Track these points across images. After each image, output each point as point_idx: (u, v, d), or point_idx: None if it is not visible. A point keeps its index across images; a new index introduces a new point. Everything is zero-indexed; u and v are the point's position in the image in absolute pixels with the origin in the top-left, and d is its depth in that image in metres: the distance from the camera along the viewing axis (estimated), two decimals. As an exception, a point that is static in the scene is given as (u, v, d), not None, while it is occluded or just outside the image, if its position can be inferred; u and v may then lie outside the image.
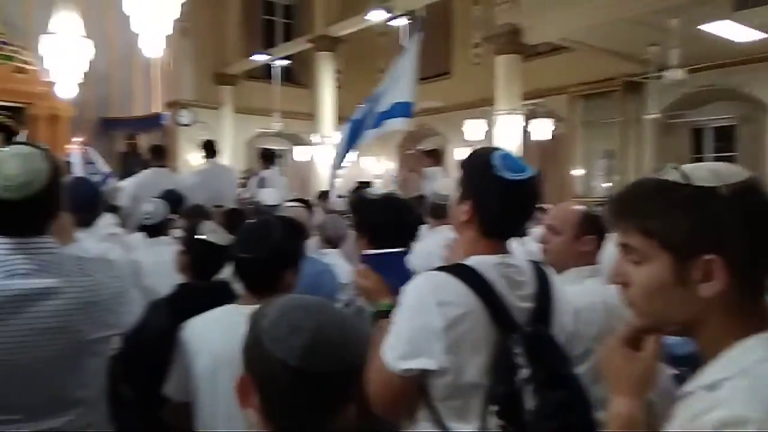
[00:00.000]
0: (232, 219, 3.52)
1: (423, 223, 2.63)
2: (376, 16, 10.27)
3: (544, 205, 9.46)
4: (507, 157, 1.53)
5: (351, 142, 5.41)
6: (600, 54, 9.94)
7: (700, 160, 10.96)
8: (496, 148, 1.57)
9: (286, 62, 14.42)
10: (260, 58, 13.76)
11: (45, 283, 1.46)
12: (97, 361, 1.59)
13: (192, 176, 5.93)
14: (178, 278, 2.37)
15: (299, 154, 15.01)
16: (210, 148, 6.15)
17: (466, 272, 1.47)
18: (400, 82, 5.26)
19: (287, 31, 15.80)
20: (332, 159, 5.70)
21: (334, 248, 3.59)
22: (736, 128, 10.37)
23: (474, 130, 11.79)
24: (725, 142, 10.63)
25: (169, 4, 5.95)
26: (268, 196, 3.38)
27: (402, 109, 5.17)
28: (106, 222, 3.03)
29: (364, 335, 0.99)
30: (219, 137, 14.39)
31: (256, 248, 1.85)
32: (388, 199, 2.34)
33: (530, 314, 1.50)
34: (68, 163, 8.32)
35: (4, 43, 15.11)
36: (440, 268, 1.51)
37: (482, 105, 11.27)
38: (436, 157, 6.30)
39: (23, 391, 1.47)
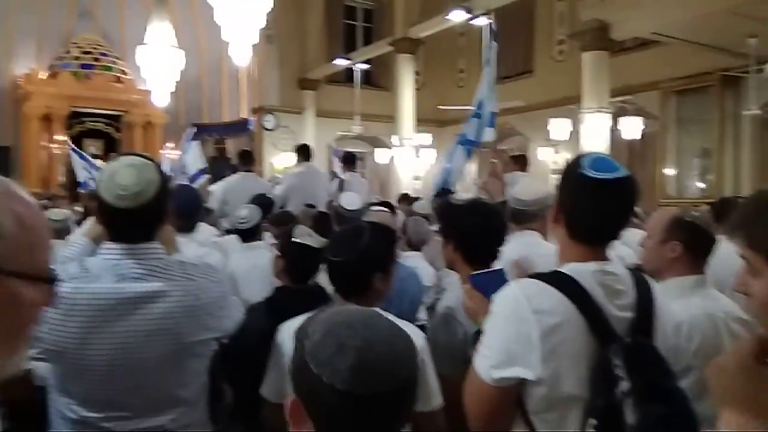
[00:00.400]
0: (320, 223, 3.58)
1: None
2: (457, 16, 10.20)
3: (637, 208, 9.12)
4: (599, 158, 1.45)
5: (463, 158, 5.56)
6: (694, 48, 9.42)
7: (805, 158, 10.22)
8: (594, 152, 1.51)
9: (366, 66, 14.58)
10: (341, 62, 13.97)
11: (153, 286, 1.53)
12: (198, 362, 1.65)
13: (287, 179, 6.09)
14: (273, 282, 2.42)
15: (379, 156, 15.13)
16: (304, 152, 6.29)
17: (562, 280, 1.40)
18: (489, 91, 5.45)
19: (367, 35, 15.97)
20: (441, 172, 5.87)
21: (417, 251, 3.58)
22: None
23: (558, 129, 11.47)
24: (835, 137, 9.85)
25: (255, 14, 6.15)
26: (349, 201, 3.40)
27: (490, 120, 5.38)
28: (206, 227, 3.14)
29: (414, 349, 0.92)
30: (301, 140, 14.76)
31: (346, 252, 1.87)
32: (474, 204, 2.30)
33: (630, 324, 1.42)
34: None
35: (104, 54, 16.11)
36: (535, 275, 1.46)
37: (567, 103, 10.96)
38: (522, 162, 6.16)
39: (130, 390, 1.55)
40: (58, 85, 15.27)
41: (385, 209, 3.67)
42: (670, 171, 11.18)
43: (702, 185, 10.95)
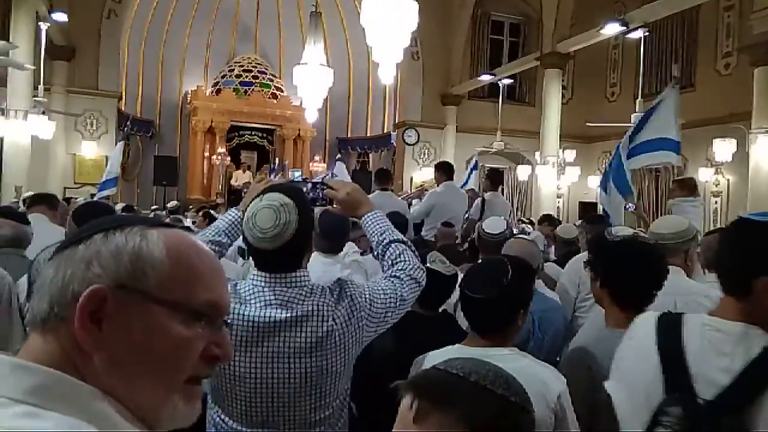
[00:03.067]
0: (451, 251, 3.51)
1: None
2: (612, 29, 9.73)
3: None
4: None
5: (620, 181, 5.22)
6: None
7: None
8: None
9: (510, 81, 14.36)
10: (486, 78, 13.87)
11: (294, 312, 1.59)
12: (338, 382, 1.69)
13: (428, 197, 6.08)
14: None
15: (521, 173, 14.81)
16: (445, 170, 6.26)
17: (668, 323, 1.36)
18: (663, 122, 5.06)
19: (514, 49, 15.74)
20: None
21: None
22: None
23: (723, 149, 10.53)
24: None
25: (401, 34, 6.25)
26: (493, 225, 3.30)
27: (671, 145, 4.97)
28: (350, 246, 3.20)
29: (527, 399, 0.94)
30: (442, 156, 14.84)
31: (486, 289, 1.81)
32: (631, 244, 2.13)
33: (727, 390, 1.23)
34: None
35: (262, 72, 17.27)
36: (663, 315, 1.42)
37: (732, 121, 10.06)
38: (689, 187, 5.64)
39: (274, 409, 1.61)
40: (221, 100, 16.58)
41: (526, 237, 3.53)
42: None
43: None
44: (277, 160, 16.31)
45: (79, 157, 13.15)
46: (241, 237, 1.78)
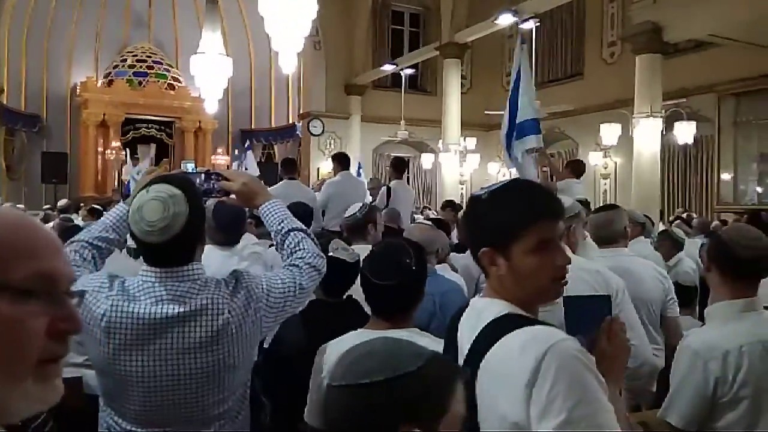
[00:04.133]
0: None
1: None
2: (505, 19, 10.08)
3: (686, 215, 8.79)
4: None
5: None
6: (752, 49, 9.06)
7: None
8: None
9: (412, 70, 14.58)
10: (388, 67, 14.00)
11: (187, 307, 1.55)
12: (237, 375, 1.66)
13: (326, 188, 6.07)
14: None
15: (425, 161, 15.10)
16: (342, 160, 6.27)
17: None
18: (523, 98, 5.28)
19: (414, 40, 15.96)
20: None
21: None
22: None
23: (609, 134, 11.20)
24: None
25: (301, 23, 6.19)
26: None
27: (531, 127, 5.19)
28: (248, 238, 3.14)
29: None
30: (347, 146, 14.86)
31: (388, 275, 1.85)
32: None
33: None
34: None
35: (157, 62, 16.57)
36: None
37: (618, 107, 10.70)
38: (577, 169, 5.96)
39: (169, 407, 1.57)
40: (114, 92, 15.78)
41: (427, 223, 3.61)
42: (726, 176, 10.77)
43: (760, 190, 10.51)
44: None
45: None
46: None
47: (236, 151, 14.56)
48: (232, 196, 1.86)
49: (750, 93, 10.32)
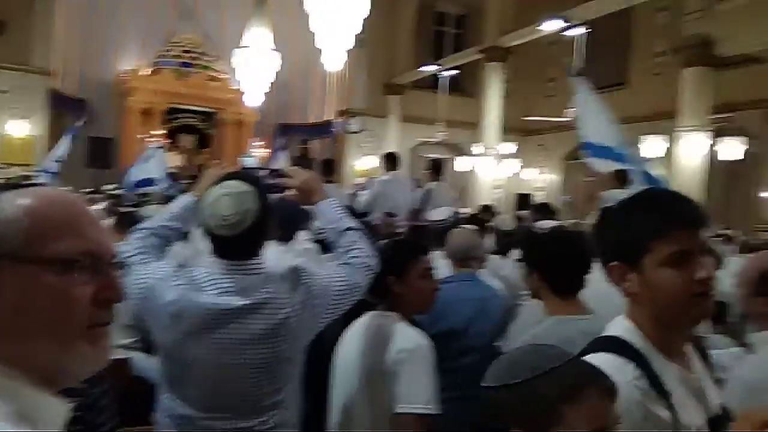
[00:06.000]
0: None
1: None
2: (552, 25, 10.00)
3: (729, 232, 8.63)
4: None
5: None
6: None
7: None
8: None
9: (453, 72, 14.55)
10: (429, 68, 14.00)
11: (251, 300, 1.61)
12: (291, 367, 1.73)
13: (374, 186, 6.14)
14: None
15: (461, 164, 15.05)
16: (392, 160, 6.34)
17: None
18: (600, 125, 5.30)
19: (457, 41, 15.92)
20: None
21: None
22: None
23: (652, 146, 11.02)
24: None
25: (352, 20, 6.25)
26: (436, 213, 3.38)
27: (608, 152, 5.21)
28: (302, 237, 3.20)
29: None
30: (384, 145, 14.91)
31: None
32: (562, 234, 2.25)
33: None
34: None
35: (203, 53, 16.83)
36: None
37: (661, 119, 10.53)
38: (623, 179, 5.88)
39: (228, 394, 1.64)
40: (159, 81, 16.07)
41: (473, 227, 3.62)
42: (769, 195, 10.53)
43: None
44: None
45: (7, 137, 12.51)
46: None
47: (275, 146, 14.69)
48: (292, 192, 1.92)
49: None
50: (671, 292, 1.07)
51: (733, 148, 10.16)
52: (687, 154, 8.72)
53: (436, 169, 6.82)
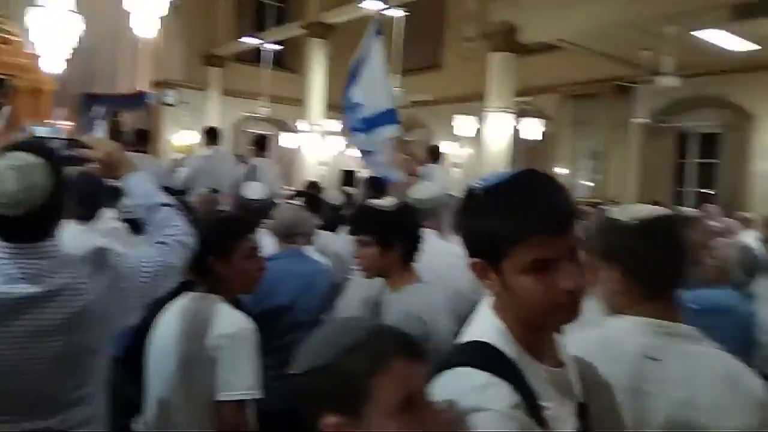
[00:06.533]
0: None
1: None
2: (371, 5, 10.18)
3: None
4: None
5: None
6: (592, 56, 9.97)
7: (683, 165, 11.13)
8: None
9: (276, 46, 14.28)
10: (250, 41, 13.60)
11: (43, 288, 1.43)
12: (96, 359, 1.57)
13: (194, 162, 5.83)
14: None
15: (285, 140, 14.90)
16: (213, 135, 6.07)
17: None
18: (376, 88, 5.43)
19: (280, 14, 15.62)
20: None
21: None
22: (721, 135, 10.50)
23: (463, 125, 11.77)
24: (709, 148, 10.77)
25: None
26: (252, 191, 3.29)
27: (388, 117, 5.37)
28: (108, 213, 2.93)
29: None
30: (204, 119, 14.26)
31: None
32: (404, 211, 2.29)
33: None
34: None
35: (-12, 13, 14.74)
36: None
37: (472, 100, 11.26)
38: (437, 154, 6.21)
39: (19, 393, 1.45)
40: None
41: (298, 202, 3.59)
42: (563, 171, 11.80)
43: (590, 185, 11.64)
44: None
45: None
46: None
47: (82, 117, 13.37)
48: (93, 165, 1.73)
49: (587, 96, 11.39)
50: (531, 301, 0.97)
51: (532, 128, 11.22)
52: (494, 133, 9.44)
53: (260, 144, 6.64)
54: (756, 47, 7.94)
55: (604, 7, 7.77)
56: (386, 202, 2.21)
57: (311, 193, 5.17)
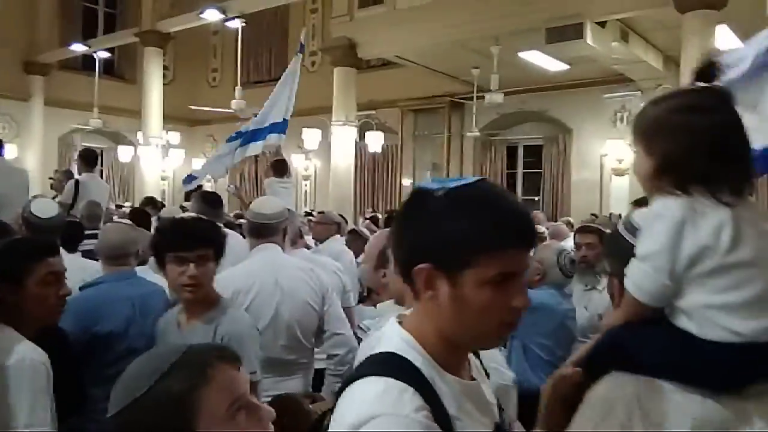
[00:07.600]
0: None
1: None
2: (211, 15, 9.94)
3: (375, 214, 9.79)
4: None
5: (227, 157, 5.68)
6: (428, 73, 10.52)
7: (514, 175, 12.09)
8: None
9: (107, 54, 13.44)
10: (78, 48, 12.67)
11: None
12: None
13: None
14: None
15: (123, 154, 14.03)
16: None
17: None
18: (279, 102, 5.67)
19: (110, 22, 14.71)
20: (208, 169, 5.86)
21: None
22: (543, 147, 11.55)
23: (311, 138, 11.85)
24: (534, 158, 11.80)
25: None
26: (41, 208, 3.04)
27: (279, 126, 5.61)
28: None
29: None
30: (26, 131, 13.06)
31: None
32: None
33: None
34: None
35: None
36: None
37: (319, 113, 11.38)
38: (281, 169, 6.15)
39: None
40: None
41: (126, 221, 3.40)
42: (406, 181, 12.30)
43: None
44: None
45: None
46: None
47: None
48: None
49: (425, 110, 12.02)
50: (482, 315, 0.90)
51: (375, 141, 11.59)
52: (339, 145, 9.62)
53: (87, 159, 6.07)
54: (566, 67, 8.85)
55: (436, 27, 8.26)
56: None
57: (140, 210, 4.90)
